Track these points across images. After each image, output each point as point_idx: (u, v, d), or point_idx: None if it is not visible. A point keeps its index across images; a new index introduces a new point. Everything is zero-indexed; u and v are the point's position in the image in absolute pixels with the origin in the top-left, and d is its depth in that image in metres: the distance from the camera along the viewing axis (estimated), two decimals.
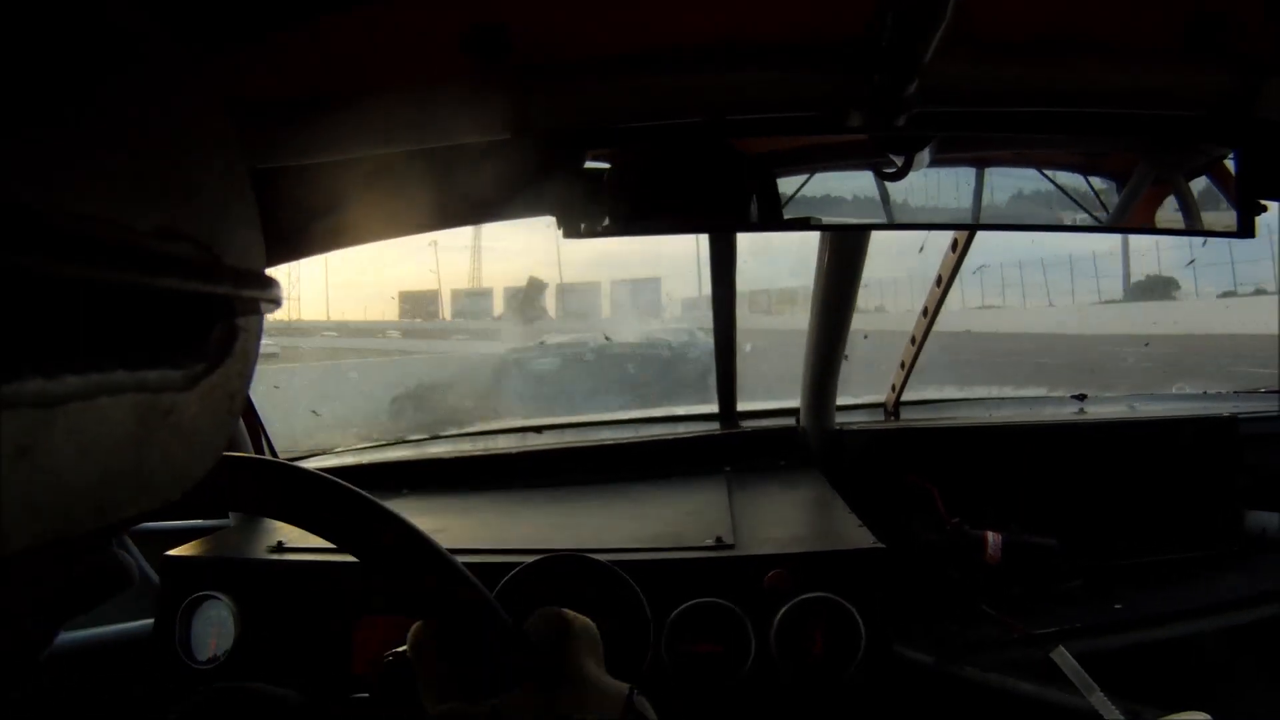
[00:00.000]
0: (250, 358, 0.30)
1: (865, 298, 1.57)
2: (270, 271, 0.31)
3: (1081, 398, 1.92)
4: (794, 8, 0.69)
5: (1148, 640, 1.23)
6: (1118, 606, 1.30)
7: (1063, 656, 0.90)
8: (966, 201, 0.84)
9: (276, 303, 0.30)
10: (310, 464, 1.59)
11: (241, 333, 0.28)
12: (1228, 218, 0.81)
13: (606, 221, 0.84)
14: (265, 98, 0.72)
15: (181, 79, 0.27)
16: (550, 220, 0.85)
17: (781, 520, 1.33)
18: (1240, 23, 0.69)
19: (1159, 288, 10.69)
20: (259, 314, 0.30)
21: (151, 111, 0.25)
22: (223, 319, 0.27)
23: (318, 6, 0.63)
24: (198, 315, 0.26)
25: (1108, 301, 11.82)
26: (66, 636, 1.02)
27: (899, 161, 0.79)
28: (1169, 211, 0.83)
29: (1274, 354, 1.87)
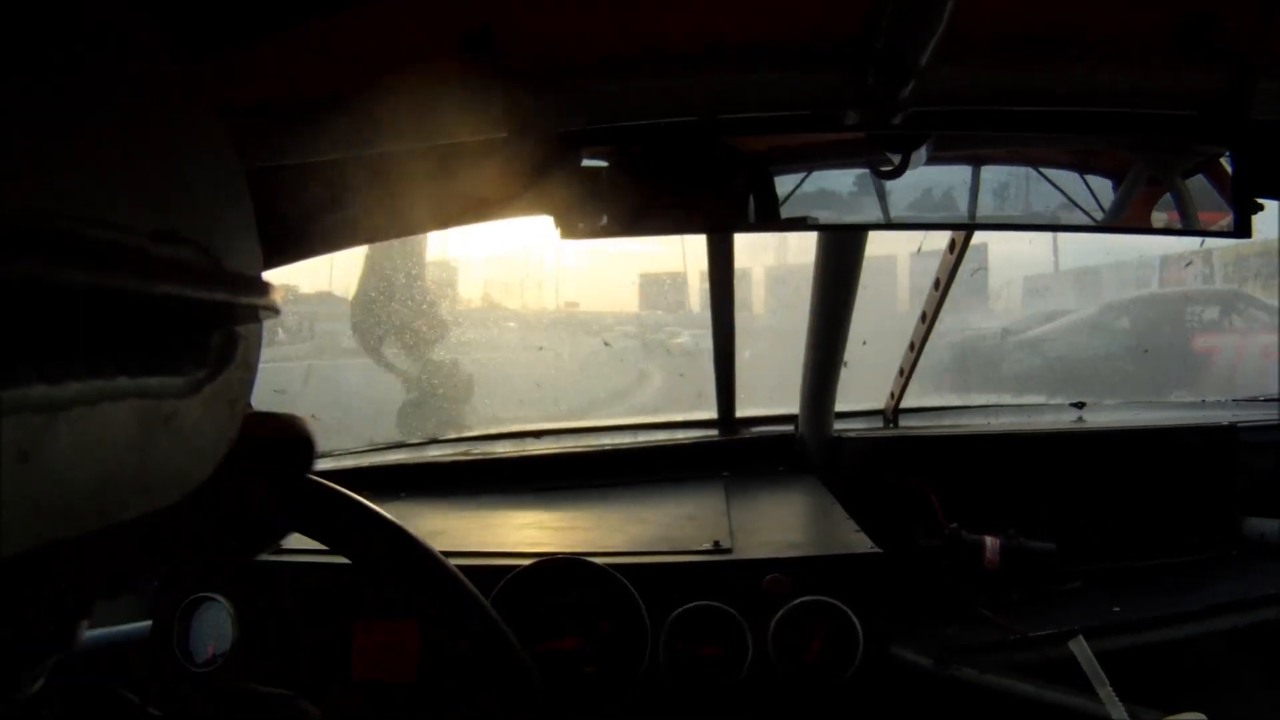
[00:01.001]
0: (252, 365, 0.30)
1: None
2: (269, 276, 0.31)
3: (1080, 405, 1.91)
4: (790, 8, 0.70)
5: (1146, 642, 1.23)
6: (1116, 609, 1.30)
7: (1080, 646, 0.90)
8: (963, 200, 0.85)
9: (275, 310, 0.30)
10: None
11: (242, 340, 0.29)
12: (1224, 217, 0.82)
13: (604, 222, 0.84)
14: (261, 98, 0.73)
15: (178, 81, 0.27)
16: None
17: (779, 525, 1.32)
18: (1233, 22, 0.70)
19: None
20: (259, 321, 0.30)
21: (149, 114, 0.25)
22: (223, 326, 0.28)
23: (315, 7, 0.64)
24: (198, 322, 0.26)
25: None
26: None
27: (895, 160, 0.79)
28: (1165, 211, 0.84)
29: None
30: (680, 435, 1.80)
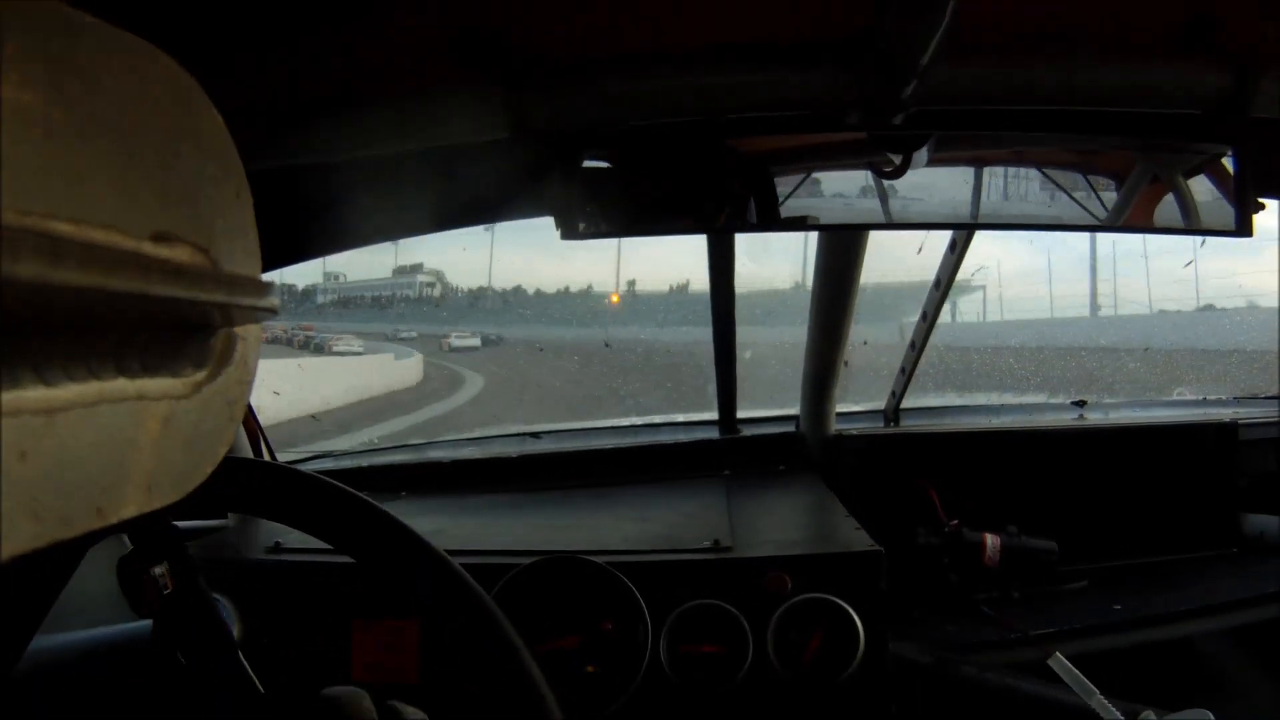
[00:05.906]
0: (250, 365, 0.30)
1: None
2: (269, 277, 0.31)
3: (1081, 404, 1.91)
4: (791, 7, 0.69)
5: (1146, 640, 1.23)
6: (1117, 607, 1.30)
7: (1059, 662, 0.90)
8: (965, 200, 0.84)
9: (274, 311, 0.30)
10: (310, 467, 1.58)
11: (240, 341, 0.29)
12: (1226, 216, 0.81)
13: (605, 222, 0.84)
14: (263, 100, 0.73)
15: (177, 82, 0.27)
16: None
17: (779, 523, 1.32)
18: (1236, 21, 0.70)
19: None
20: (257, 322, 0.30)
21: (147, 115, 0.25)
22: (222, 327, 0.28)
23: (316, 9, 0.64)
24: (197, 323, 0.26)
25: None
26: (65, 638, 1.01)
27: (897, 160, 0.79)
28: (1167, 210, 0.84)
29: None
30: (681, 435, 1.80)
